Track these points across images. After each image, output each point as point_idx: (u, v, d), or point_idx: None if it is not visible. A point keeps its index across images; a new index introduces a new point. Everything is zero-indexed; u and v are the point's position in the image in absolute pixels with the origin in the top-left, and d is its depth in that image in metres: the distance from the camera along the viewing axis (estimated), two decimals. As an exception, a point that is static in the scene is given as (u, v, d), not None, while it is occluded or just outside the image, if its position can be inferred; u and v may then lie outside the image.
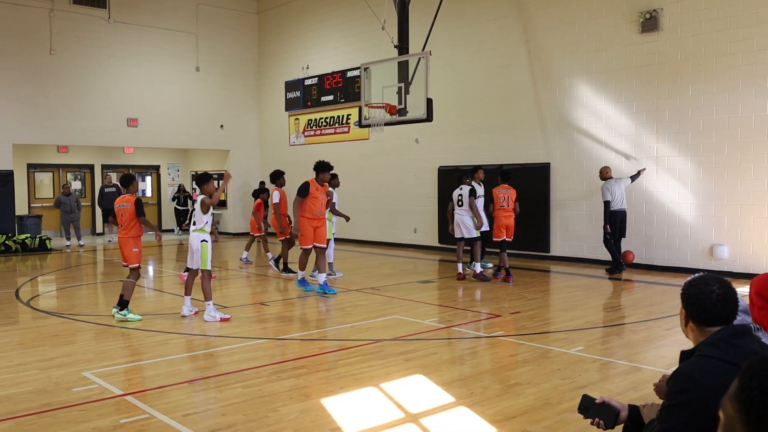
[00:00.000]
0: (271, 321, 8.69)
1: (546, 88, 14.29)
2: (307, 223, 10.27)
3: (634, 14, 12.72)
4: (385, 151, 17.83)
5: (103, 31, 19.20)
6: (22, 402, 5.25)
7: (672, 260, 12.37)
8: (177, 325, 8.16)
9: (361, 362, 6.40)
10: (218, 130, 21.61)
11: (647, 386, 5.42)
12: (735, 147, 11.56)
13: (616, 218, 12.02)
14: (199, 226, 8.49)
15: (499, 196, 11.59)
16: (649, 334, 7.72)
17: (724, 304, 2.47)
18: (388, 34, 14.57)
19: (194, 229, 8.52)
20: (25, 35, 17.94)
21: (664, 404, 2.45)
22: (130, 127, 19.79)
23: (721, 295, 2.47)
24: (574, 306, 9.34)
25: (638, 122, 12.80)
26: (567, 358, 6.51)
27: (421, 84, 12.30)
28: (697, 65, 11.94)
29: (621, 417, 2.86)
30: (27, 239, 17.01)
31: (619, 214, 12.05)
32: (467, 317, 8.65)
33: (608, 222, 11.98)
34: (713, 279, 2.52)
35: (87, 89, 18.98)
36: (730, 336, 2.41)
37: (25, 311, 9.41)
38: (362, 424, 4.74)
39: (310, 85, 20.03)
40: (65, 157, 21.68)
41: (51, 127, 18.40)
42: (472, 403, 5.16)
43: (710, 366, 2.33)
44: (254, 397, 5.34)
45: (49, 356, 6.70)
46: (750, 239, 11.45)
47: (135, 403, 5.18)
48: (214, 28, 21.34)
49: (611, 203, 11.96)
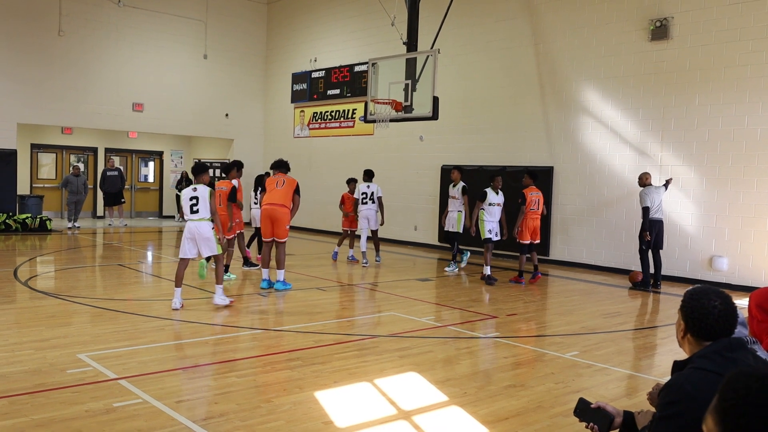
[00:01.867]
0: (268, 312, 8.70)
1: (552, 91, 14.27)
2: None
3: (644, 21, 12.69)
4: (389, 147, 17.82)
5: (112, 14, 19.18)
6: (15, 381, 5.26)
7: (671, 270, 12.35)
8: (173, 312, 8.17)
9: (356, 357, 6.40)
10: (223, 118, 21.61)
11: (641, 393, 5.43)
12: (739, 159, 11.54)
13: (653, 227, 11.34)
14: (205, 215, 8.51)
15: (532, 199, 11.35)
16: (645, 342, 7.72)
17: (725, 320, 2.45)
18: (398, 31, 14.56)
19: (199, 218, 8.50)
20: (34, 16, 17.93)
21: (656, 415, 2.45)
22: (135, 112, 19.80)
23: (722, 311, 2.45)
24: (570, 310, 9.34)
25: (644, 130, 12.78)
26: (562, 362, 6.51)
27: (428, 82, 12.28)
28: (705, 75, 11.92)
29: (615, 423, 2.86)
30: (27, 219, 17.03)
31: (656, 224, 11.38)
32: (464, 317, 8.65)
33: (647, 230, 11.25)
34: (714, 293, 2.50)
35: (94, 72, 18.98)
36: (724, 349, 2.41)
37: (22, 291, 9.42)
38: (354, 418, 4.75)
39: (317, 77, 20.01)
40: (69, 138, 21.67)
41: (56, 109, 18.40)
42: (465, 402, 5.17)
43: (703, 378, 2.32)
44: (248, 387, 5.35)
45: (45, 337, 6.71)
46: (750, 252, 11.44)
47: (128, 388, 5.19)
48: (224, 16, 21.33)
49: (650, 210, 11.26)
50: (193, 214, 8.51)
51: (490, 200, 11.42)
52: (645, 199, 11.31)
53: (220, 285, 8.59)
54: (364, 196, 13.12)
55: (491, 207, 11.48)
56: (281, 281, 9.92)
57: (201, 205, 8.48)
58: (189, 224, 8.51)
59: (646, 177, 11.56)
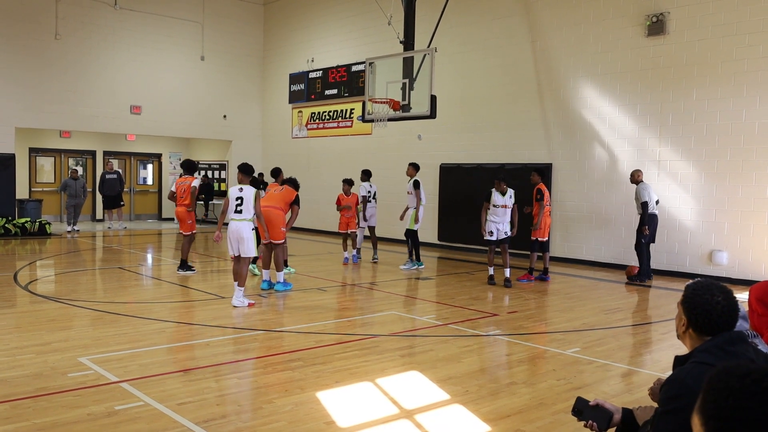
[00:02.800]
0: (268, 313, 8.70)
1: (550, 88, 14.27)
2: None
3: (640, 17, 12.69)
4: (387, 146, 17.82)
5: (109, 17, 19.17)
6: (17, 386, 5.26)
7: (671, 264, 12.36)
8: (174, 314, 8.17)
9: (357, 357, 6.40)
10: (221, 120, 21.60)
11: (642, 389, 5.43)
12: (737, 153, 11.55)
13: (651, 222, 11.50)
14: (248, 216, 8.62)
15: (546, 195, 11.40)
16: (645, 337, 7.72)
17: (728, 315, 2.45)
18: (394, 30, 14.55)
19: (242, 218, 8.60)
20: (31, 19, 17.92)
21: (657, 410, 2.45)
22: (133, 115, 19.79)
23: (725, 306, 2.45)
24: (571, 307, 9.34)
25: (641, 125, 12.79)
26: (563, 359, 6.51)
27: (426, 81, 12.28)
28: (702, 70, 11.93)
29: (614, 420, 2.86)
30: (27, 223, 17.02)
31: (653, 218, 11.55)
32: (464, 315, 8.65)
33: (646, 224, 11.37)
34: (716, 287, 2.49)
35: (91, 75, 18.97)
36: (725, 343, 2.41)
37: (23, 295, 9.42)
38: (356, 418, 4.75)
39: (315, 78, 20.01)
40: (67, 142, 21.66)
41: (54, 112, 18.39)
42: (466, 400, 5.17)
43: (704, 373, 2.30)
44: (249, 388, 5.35)
45: (46, 341, 6.71)
46: (749, 246, 11.45)
47: (130, 391, 5.19)
48: (221, 17, 21.32)
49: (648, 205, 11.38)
50: (236, 213, 8.67)
51: (495, 202, 11.28)
52: (644, 194, 11.39)
53: (241, 287, 8.67)
54: (368, 194, 13.27)
55: (495, 208, 11.37)
56: (281, 282, 9.94)
57: (245, 205, 8.65)
58: (231, 224, 8.69)
59: (639, 174, 11.69)
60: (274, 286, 9.96)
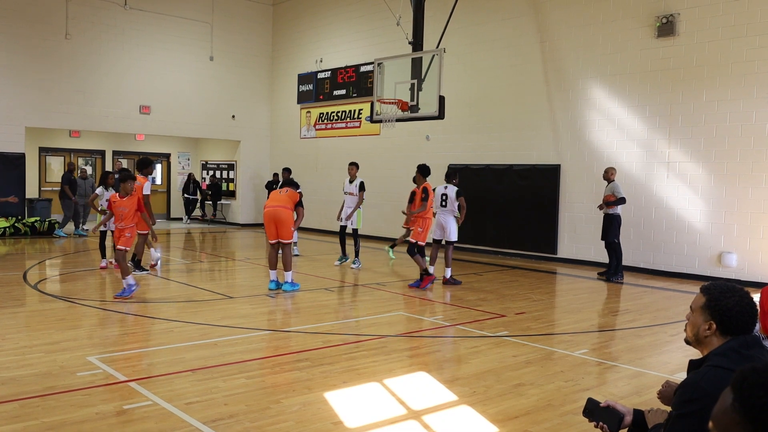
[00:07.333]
0: (276, 313, 8.71)
1: (559, 89, 14.23)
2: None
3: (650, 18, 12.64)
4: (395, 147, 17.81)
5: (118, 17, 19.24)
6: (26, 384, 5.28)
7: (680, 266, 12.31)
8: (182, 314, 8.19)
9: (364, 357, 6.40)
10: (230, 120, 21.65)
11: (650, 391, 5.41)
12: (747, 155, 11.49)
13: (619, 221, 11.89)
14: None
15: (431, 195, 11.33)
16: (654, 339, 7.69)
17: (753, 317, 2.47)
18: (403, 30, 14.55)
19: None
20: (41, 19, 18.00)
21: (672, 413, 2.43)
22: (142, 115, 19.86)
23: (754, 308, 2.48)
24: (579, 308, 9.31)
25: (651, 127, 12.74)
26: (571, 360, 6.49)
27: (434, 81, 12.27)
28: (712, 71, 11.87)
29: (625, 421, 2.85)
30: (36, 222, 17.10)
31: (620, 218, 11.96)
32: (472, 316, 8.64)
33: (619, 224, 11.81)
34: (740, 290, 2.51)
35: (101, 75, 19.04)
36: (740, 346, 2.40)
37: (32, 294, 9.46)
38: (364, 419, 4.75)
39: (323, 78, 20.03)
40: (77, 141, 21.76)
41: (64, 112, 18.47)
42: (474, 402, 5.16)
43: (720, 376, 2.31)
44: (257, 388, 5.36)
45: (55, 340, 6.74)
46: (759, 248, 11.38)
47: (138, 390, 5.20)
48: (230, 18, 21.37)
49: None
50: None
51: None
52: (621, 190, 11.80)
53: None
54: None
55: None
56: (289, 282, 9.95)
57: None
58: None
59: (612, 172, 11.96)
60: (282, 286, 9.98)
